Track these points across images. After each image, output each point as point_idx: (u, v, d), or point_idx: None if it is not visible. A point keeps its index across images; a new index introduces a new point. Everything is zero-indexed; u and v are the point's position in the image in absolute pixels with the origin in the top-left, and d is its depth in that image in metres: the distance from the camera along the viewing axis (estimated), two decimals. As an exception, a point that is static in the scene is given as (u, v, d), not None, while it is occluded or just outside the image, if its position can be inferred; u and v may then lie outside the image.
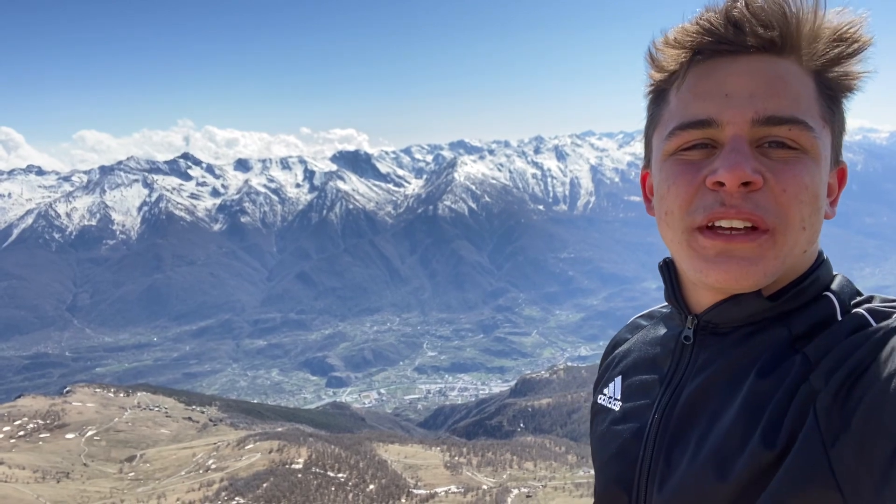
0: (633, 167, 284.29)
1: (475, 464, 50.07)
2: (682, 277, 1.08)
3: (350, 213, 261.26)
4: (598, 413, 1.25)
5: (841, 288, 0.98)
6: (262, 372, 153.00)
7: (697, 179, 0.92)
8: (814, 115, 0.90)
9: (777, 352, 0.93)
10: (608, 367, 1.30)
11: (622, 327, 1.37)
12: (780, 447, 0.84)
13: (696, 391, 1.00)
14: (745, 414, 0.90)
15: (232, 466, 43.31)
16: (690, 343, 1.06)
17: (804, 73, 0.91)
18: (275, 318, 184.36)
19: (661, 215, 0.99)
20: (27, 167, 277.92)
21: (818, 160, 0.90)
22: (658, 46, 0.98)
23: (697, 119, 0.91)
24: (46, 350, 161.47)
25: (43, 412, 55.98)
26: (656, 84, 1.01)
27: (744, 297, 0.95)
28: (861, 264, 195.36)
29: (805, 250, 0.94)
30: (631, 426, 1.10)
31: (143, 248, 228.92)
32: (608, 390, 1.23)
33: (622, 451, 1.09)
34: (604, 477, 1.14)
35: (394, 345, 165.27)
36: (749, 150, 0.88)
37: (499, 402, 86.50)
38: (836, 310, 0.94)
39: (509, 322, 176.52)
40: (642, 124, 1.08)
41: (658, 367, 1.12)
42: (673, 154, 0.95)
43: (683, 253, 0.96)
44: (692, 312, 1.06)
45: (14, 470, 41.57)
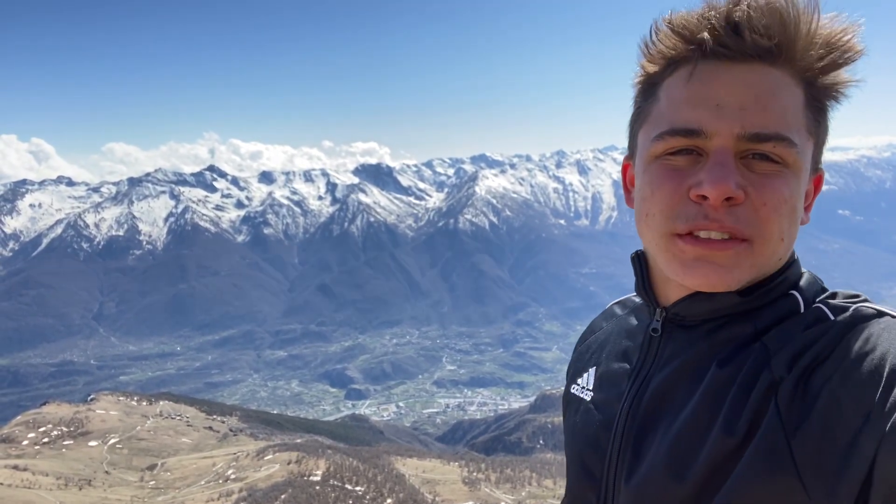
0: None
1: (494, 480, 49.55)
2: (652, 270, 1.09)
3: (371, 225, 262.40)
4: (570, 403, 1.27)
5: (808, 286, 1.00)
6: (283, 383, 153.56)
7: (682, 189, 0.92)
8: (799, 128, 0.91)
9: (739, 344, 0.95)
10: (581, 355, 1.31)
11: (598, 314, 1.36)
12: (741, 435, 0.86)
13: (662, 383, 1.02)
14: (706, 403, 0.92)
15: (251, 477, 43.41)
16: (658, 335, 1.07)
17: (795, 83, 0.91)
18: (295, 330, 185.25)
19: (641, 215, 0.99)
20: (57, 178, 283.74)
21: (798, 174, 0.92)
22: (657, 34, 0.96)
23: (687, 127, 0.91)
24: (72, 358, 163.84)
25: (67, 419, 56.77)
26: (647, 76, 1.00)
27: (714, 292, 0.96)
28: (890, 283, 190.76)
29: (780, 258, 0.96)
30: (601, 417, 1.11)
31: (168, 258, 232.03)
32: (581, 380, 1.24)
33: (592, 442, 1.11)
34: (574, 468, 1.16)
35: (413, 358, 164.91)
36: (733, 163, 0.89)
37: (518, 417, 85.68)
38: (800, 306, 0.96)
39: (529, 337, 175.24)
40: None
41: (628, 359, 1.13)
42: (659, 157, 0.95)
43: (661, 255, 0.97)
44: (661, 305, 1.07)
45: (38, 476, 42.10)
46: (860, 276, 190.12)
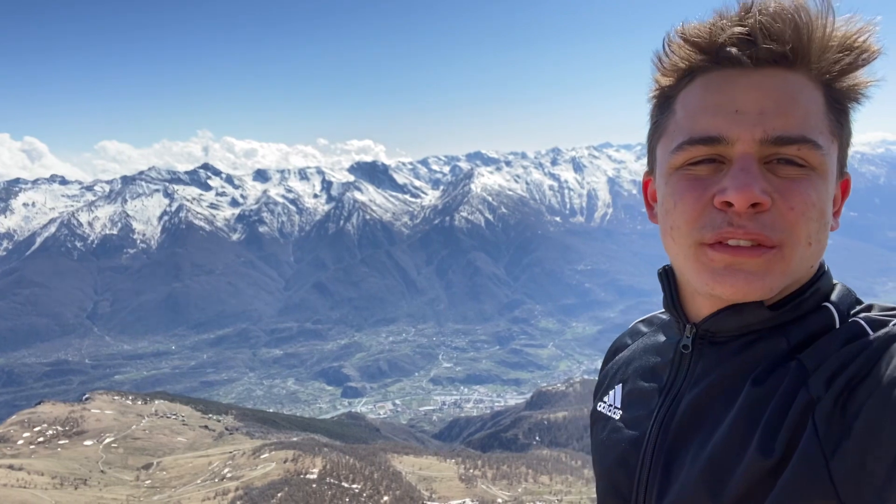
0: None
1: (490, 477, 49.70)
2: (681, 286, 1.07)
3: (367, 223, 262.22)
4: (597, 421, 1.24)
5: (841, 298, 0.97)
6: (278, 381, 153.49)
7: (705, 197, 0.90)
8: (822, 131, 0.89)
9: (774, 361, 0.93)
10: (608, 374, 1.29)
11: (623, 332, 1.35)
12: (778, 456, 0.83)
13: (694, 401, 0.99)
14: (741, 422, 0.90)
15: (247, 475, 43.42)
16: (689, 352, 1.05)
17: (813, 87, 0.90)
18: (291, 328, 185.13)
19: (665, 229, 0.98)
20: (51, 177, 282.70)
21: (825, 177, 0.90)
22: (670, 46, 0.96)
23: (707, 135, 0.90)
24: (67, 357, 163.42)
25: (62, 419, 56.65)
26: (662, 89, 1.00)
27: (744, 306, 0.94)
28: (884, 278, 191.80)
29: (811, 265, 0.94)
30: (630, 435, 1.09)
31: (162, 256, 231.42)
32: (608, 398, 1.22)
33: (621, 461, 1.08)
34: (603, 486, 1.14)
35: (409, 356, 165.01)
36: (757, 169, 0.88)
37: (514, 414, 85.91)
38: (834, 320, 0.93)
39: (525, 334, 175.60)
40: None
41: (657, 376, 1.11)
42: (680, 168, 0.94)
43: (690, 265, 0.95)
44: (691, 321, 1.05)
45: (33, 476, 42.03)
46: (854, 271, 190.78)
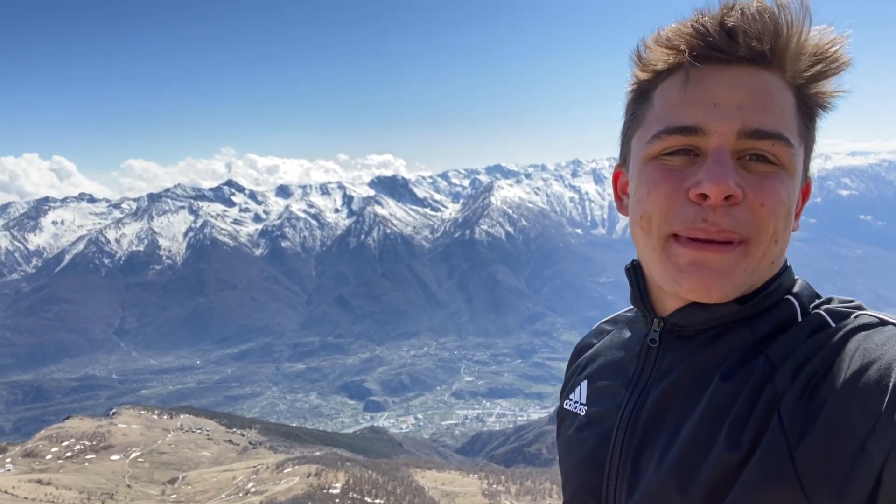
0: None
1: (514, 492, 49.17)
2: (648, 281, 1.08)
3: (388, 237, 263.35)
4: (564, 418, 1.24)
5: (802, 291, 1.00)
6: (301, 395, 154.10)
7: (680, 189, 0.91)
8: (793, 132, 0.92)
9: (741, 354, 0.94)
10: (574, 372, 1.29)
11: (587, 332, 1.35)
12: (745, 449, 0.85)
13: (662, 394, 1.00)
14: (709, 416, 0.91)
15: (270, 490, 43.46)
16: (656, 346, 1.06)
17: (786, 89, 0.92)
18: (313, 342, 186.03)
19: (635, 219, 0.99)
20: (79, 195, 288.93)
21: (794, 176, 0.92)
22: (649, 45, 0.97)
23: (684, 125, 0.91)
24: (94, 372, 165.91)
25: (90, 433, 57.35)
26: (640, 83, 1.00)
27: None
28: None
29: (773, 262, 0.96)
30: (597, 431, 1.09)
31: (188, 272, 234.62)
32: (574, 395, 1.21)
33: (589, 457, 1.08)
34: (571, 484, 1.12)
35: (431, 369, 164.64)
36: (732, 162, 0.89)
37: (537, 428, 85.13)
38: (797, 311, 0.96)
39: (547, 347, 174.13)
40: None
41: (623, 372, 1.11)
42: (655, 158, 0.95)
43: (657, 259, 0.96)
44: (658, 315, 1.06)
45: (61, 491, 42.52)
46: (883, 281, 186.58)
